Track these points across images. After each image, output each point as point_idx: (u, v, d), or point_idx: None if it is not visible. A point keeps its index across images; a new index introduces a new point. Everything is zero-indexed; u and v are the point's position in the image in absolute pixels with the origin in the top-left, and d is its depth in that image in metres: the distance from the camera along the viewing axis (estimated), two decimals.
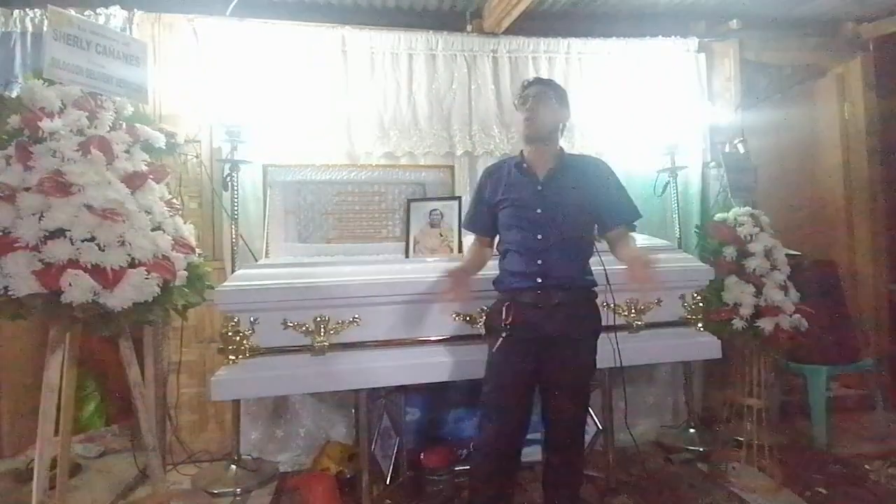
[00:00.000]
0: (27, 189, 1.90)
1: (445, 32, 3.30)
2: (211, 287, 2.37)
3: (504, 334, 1.89)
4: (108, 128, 2.15)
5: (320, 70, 3.12)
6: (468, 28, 3.40)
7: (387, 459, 2.55)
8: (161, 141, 2.34)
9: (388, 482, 2.53)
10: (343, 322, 2.24)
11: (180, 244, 2.24)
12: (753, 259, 2.66)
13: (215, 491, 2.64)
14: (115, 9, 2.87)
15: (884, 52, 3.78)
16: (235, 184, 2.81)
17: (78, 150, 1.99)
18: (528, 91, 2.00)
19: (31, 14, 2.88)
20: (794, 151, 4.18)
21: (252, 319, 2.19)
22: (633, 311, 2.51)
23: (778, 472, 2.63)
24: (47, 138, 1.98)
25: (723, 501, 2.52)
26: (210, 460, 2.95)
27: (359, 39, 3.17)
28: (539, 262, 1.91)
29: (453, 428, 2.88)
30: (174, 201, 2.38)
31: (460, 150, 3.26)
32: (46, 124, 1.98)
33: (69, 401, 2.12)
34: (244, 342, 2.18)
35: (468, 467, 2.07)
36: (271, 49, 3.06)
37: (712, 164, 3.43)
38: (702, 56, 3.54)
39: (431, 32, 3.27)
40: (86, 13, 2.74)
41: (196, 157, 3.01)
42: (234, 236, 2.83)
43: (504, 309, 1.92)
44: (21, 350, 3.06)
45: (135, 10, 2.91)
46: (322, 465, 2.70)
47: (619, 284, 2.35)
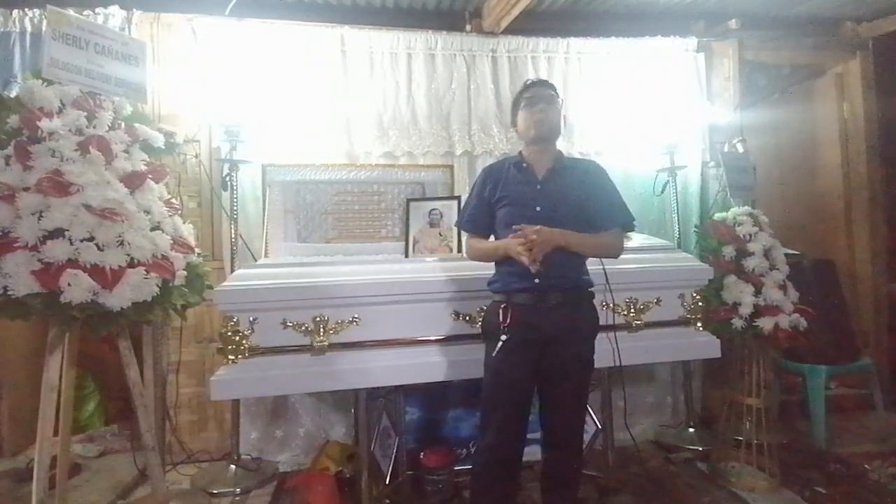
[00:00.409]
0: (26, 189, 1.90)
1: (444, 32, 3.30)
2: (210, 287, 2.37)
3: (503, 338, 1.86)
4: (107, 127, 2.15)
5: (319, 70, 3.12)
6: (467, 28, 3.40)
7: (386, 459, 2.55)
8: (160, 141, 2.34)
9: (388, 482, 2.53)
10: (342, 322, 2.24)
11: (179, 244, 2.24)
12: (752, 258, 2.66)
13: (215, 491, 2.64)
14: (114, 8, 2.87)
15: (883, 52, 3.78)
16: (234, 183, 2.81)
17: (77, 150, 2.00)
18: (537, 92, 2.00)
19: (31, 14, 2.88)
20: (794, 151, 4.19)
21: (251, 319, 2.18)
22: (633, 311, 2.51)
23: (777, 472, 2.63)
24: (46, 138, 1.99)
25: (722, 501, 2.52)
26: (209, 460, 2.95)
27: (358, 39, 3.17)
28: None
29: (453, 427, 2.88)
30: (173, 201, 2.39)
31: (459, 150, 3.26)
32: (45, 124, 1.99)
33: (68, 401, 2.12)
34: (243, 342, 2.17)
35: (469, 469, 2.05)
36: (270, 49, 3.06)
37: (711, 164, 3.43)
38: (701, 56, 3.55)
39: (430, 32, 3.27)
40: (84, 13, 2.74)
41: (195, 157, 3.01)
42: (234, 236, 2.83)
43: (501, 311, 1.89)
44: (21, 350, 3.06)
45: (133, 10, 2.91)
46: (321, 465, 2.70)
47: (619, 284, 2.37)
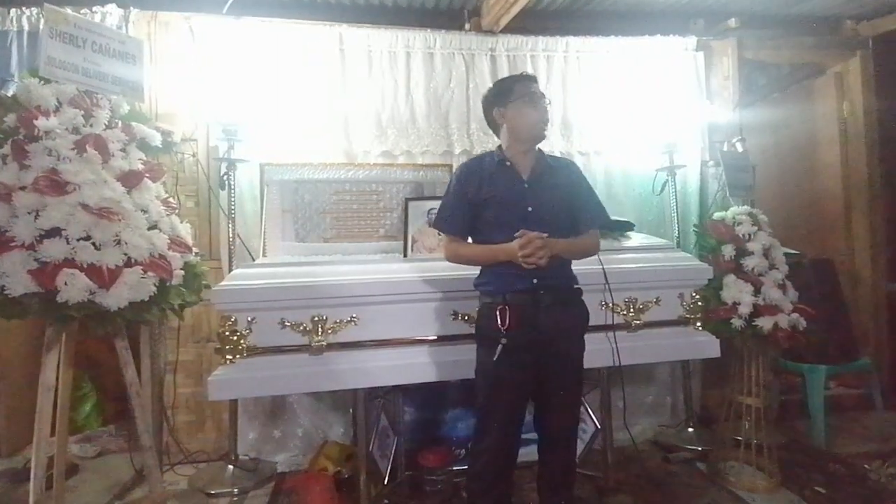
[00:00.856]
0: (23, 188, 1.90)
1: (443, 31, 3.29)
2: (208, 286, 2.37)
3: (503, 341, 1.82)
4: (104, 126, 2.15)
5: (317, 68, 3.11)
6: (466, 26, 3.40)
7: (385, 459, 2.55)
8: (157, 139, 2.34)
9: (386, 482, 2.52)
10: (341, 321, 2.23)
11: (177, 243, 2.24)
12: (752, 258, 2.66)
13: (212, 491, 2.63)
14: (112, 7, 2.85)
15: (883, 51, 3.77)
16: (232, 182, 2.79)
17: (73, 149, 2.00)
18: (536, 88, 1.95)
19: (28, 13, 2.87)
20: (793, 150, 4.19)
21: (249, 319, 2.18)
22: (632, 311, 2.50)
23: (776, 472, 2.62)
24: (43, 137, 1.98)
25: (721, 501, 2.52)
26: (207, 460, 2.94)
27: (356, 38, 3.16)
28: None
29: (451, 427, 2.88)
30: (171, 200, 2.38)
31: (458, 149, 3.25)
32: (42, 123, 1.98)
33: (65, 401, 2.11)
34: (241, 342, 2.17)
35: (466, 470, 2.03)
36: (268, 47, 3.05)
37: (711, 163, 3.43)
38: (700, 55, 3.54)
39: (429, 31, 3.26)
40: (82, 11, 2.72)
41: (193, 156, 3.00)
42: (232, 235, 2.82)
43: (498, 314, 1.84)
44: (18, 349, 3.05)
45: (131, 8, 2.90)
46: (320, 465, 2.69)
47: (618, 284, 2.37)
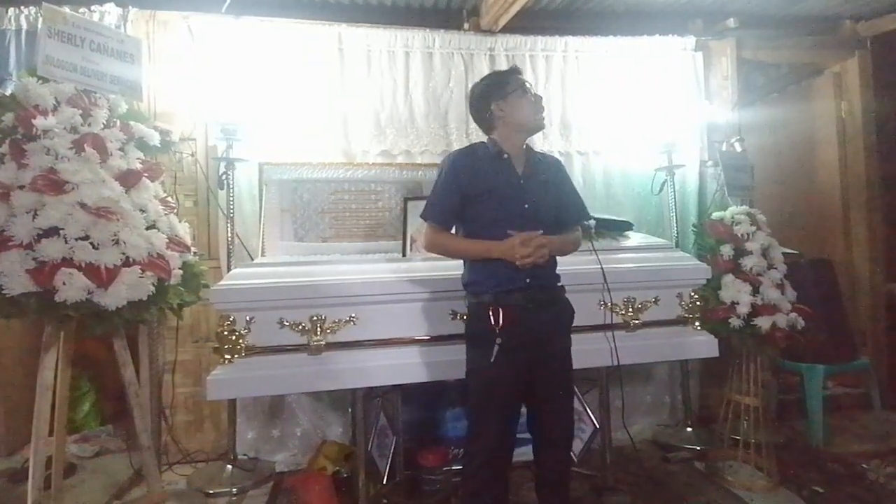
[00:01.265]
0: (21, 187, 1.90)
1: (442, 30, 3.28)
2: (206, 286, 2.37)
3: (499, 341, 1.80)
4: (102, 125, 2.15)
5: (316, 68, 3.10)
6: (465, 26, 3.39)
7: (383, 459, 2.55)
8: (156, 139, 2.34)
9: (385, 481, 2.52)
10: (340, 321, 2.23)
11: (175, 243, 2.24)
12: (750, 258, 2.66)
13: (211, 491, 2.63)
14: (110, 6, 2.85)
15: (881, 51, 3.77)
16: (231, 182, 2.79)
17: (72, 148, 2.00)
18: (526, 81, 1.94)
19: (27, 12, 2.86)
20: (791, 150, 4.19)
21: (248, 318, 2.17)
22: (631, 310, 2.50)
23: (775, 471, 2.63)
24: (41, 136, 1.98)
25: (720, 500, 2.52)
26: (206, 460, 2.94)
27: (355, 37, 3.16)
28: None
29: (450, 427, 2.88)
30: (169, 200, 2.38)
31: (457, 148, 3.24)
32: (40, 122, 1.98)
33: (63, 400, 2.11)
34: (240, 341, 2.16)
35: (461, 471, 2.00)
36: (267, 47, 3.05)
37: (709, 163, 3.43)
38: (699, 54, 3.54)
39: (428, 30, 3.26)
40: (80, 10, 2.71)
41: (191, 156, 3.00)
42: (230, 235, 2.81)
43: (492, 314, 1.82)
44: (16, 349, 3.04)
45: (129, 7, 2.89)
46: (319, 465, 2.69)
47: (617, 283, 2.37)
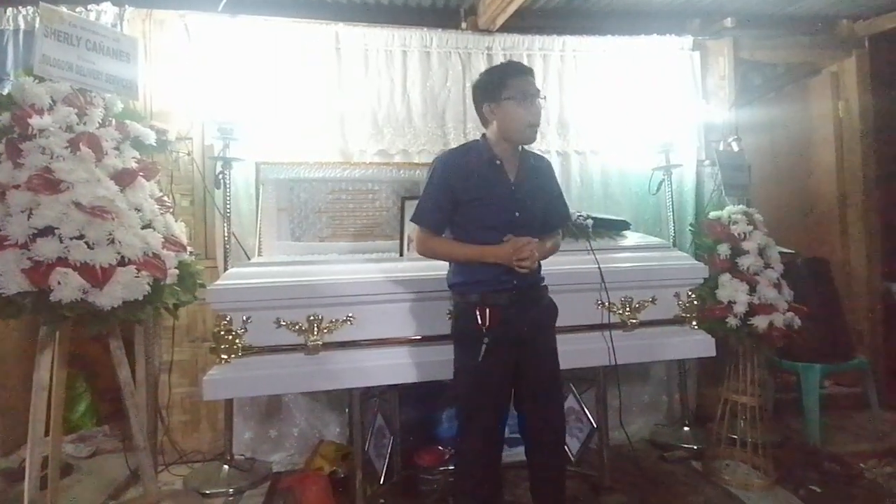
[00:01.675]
0: (16, 186, 1.89)
1: (440, 30, 3.28)
2: (203, 285, 2.36)
3: (486, 341, 1.82)
4: (98, 124, 2.14)
5: (314, 67, 3.10)
6: (463, 25, 3.39)
7: (381, 459, 2.54)
8: (151, 138, 2.33)
9: (382, 481, 2.52)
10: (337, 321, 2.23)
11: (171, 242, 2.23)
12: (747, 257, 2.66)
13: (207, 491, 2.62)
14: (106, 5, 2.84)
15: (879, 50, 3.78)
16: (228, 181, 2.78)
17: (67, 147, 1.99)
18: (530, 86, 1.87)
19: (24, 11, 2.86)
20: (788, 149, 4.20)
21: (245, 318, 2.17)
22: (628, 310, 2.50)
23: (771, 470, 2.63)
24: (37, 135, 1.97)
25: (717, 499, 2.52)
26: (202, 461, 2.93)
27: (352, 36, 3.15)
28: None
29: (447, 427, 2.88)
30: (165, 199, 2.38)
31: None
32: (36, 121, 1.98)
33: (59, 400, 2.11)
34: (237, 341, 2.16)
35: (454, 470, 2.02)
36: (264, 46, 3.04)
37: (707, 163, 3.43)
38: (696, 54, 3.54)
39: (426, 29, 3.25)
40: (77, 10, 2.70)
41: (188, 155, 2.99)
42: (227, 234, 2.81)
43: (479, 313, 1.84)
44: (11, 349, 3.03)
45: (126, 6, 2.89)
46: (316, 465, 2.69)
47: (614, 283, 2.37)
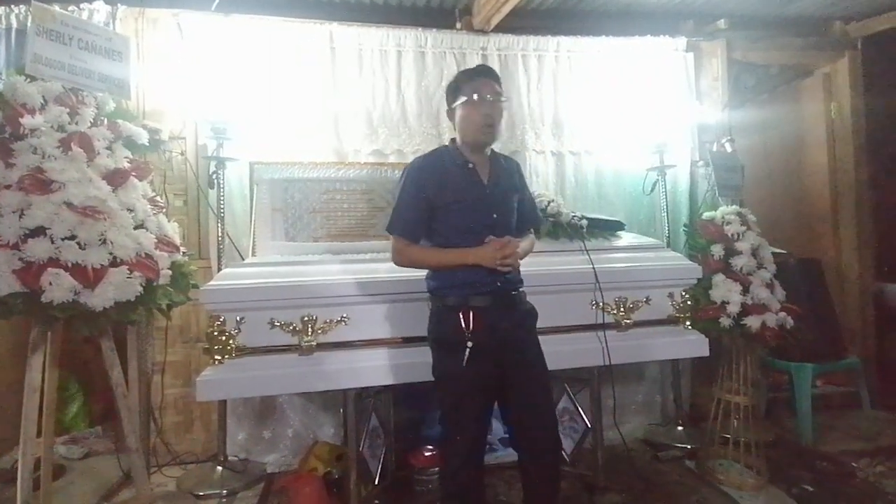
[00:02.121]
0: (7, 186, 1.88)
1: (434, 30, 3.28)
2: (196, 286, 2.35)
3: (469, 345, 1.80)
4: (90, 124, 2.13)
5: (308, 67, 3.09)
6: (457, 25, 3.39)
7: (375, 459, 2.54)
8: (144, 137, 2.32)
9: (377, 482, 2.52)
10: (331, 321, 2.23)
11: (164, 242, 2.22)
12: (740, 257, 2.68)
13: (201, 493, 2.61)
14: (99, 3, 2.82)
15: (871, 52, 3.81)
16: (221, 181, 2.77)
17: (59, 147, 1.98)
18: (484, 87, 1.84)
19: (16, 10, 2.84)
20: (781, 150, 4.22)
21: (238, 319, 2.17)
22: (622, 310, 2.51)
23: (764, 469, 2.64)
24: (28, 135, 1.96)
25: (710, 498, 2.53)
26: (195, 462, 2.92)
27: (347, 36, 3.15)
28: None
29: (441, 428, 2.86)
30: (158, 199, 2.36)
31: None
32: (28, 121, 1.97)
33: (51, 402, 2.09)
34: (230, 342, 2.16)
35: (440, 472, 2.00)
36: (258, 45, 3.03)
37: (700, 163, 3.45)
38: (690, 55, 3.56)
39: (420, 29, 3.25)
40: (69, 8, 2.69)
41: (181, 154, 2.98)
42: (221, 234, 2.80)
43: (462, 317, 1.83)
44: (3, 350, 3.01)
45: (118, 5, 2.87)
46: (310, 466, 2.68)
47: (608, 283, 2.37)
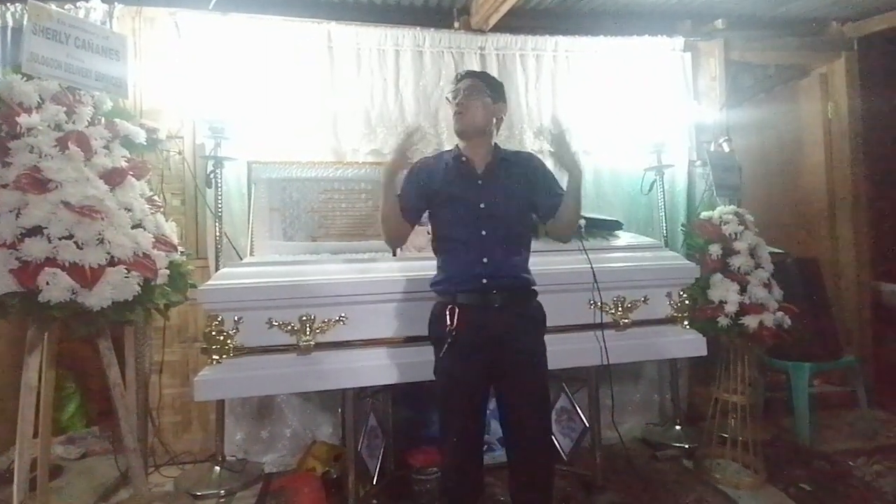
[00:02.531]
0: (4, 186, 1.87)
1: (432, 29, 3.28)
2: (194, 286, 2.35)
3: (449, 341, 1.80)
4: (87, 123, 2.12)
5: (306, 66, 3.08)
6: (456, 25, 3.39)
7: (373, 459, 2.54)
8: (141, 136, 2.31)
9: (375, 482, 2.51)
10: (329, 321, 2.22)
11: (162, 242, 2.22)
12: (738, 257, 2.68)
13: (198, 493, 2.61)
14: (96, 2, 2.80)
15: (868, 52, 3.82)
16: (219, 181, 2.76)
17: (56, 146, 1.97)
18: (460, 84, 1.94)
19: (13, 9, 2.83)
20: (778, 150, 4.23)
21: (236, 318, 2.16)
22: (620, 309, 2.51)
23: (762, 469, 2.65)
24: (25, 134, 1.95)
25: (708, 497, 2.53)
26: (193, 462, 2.91)
27: (345, 35, 3.14)
28: (485, 261, 1.84)
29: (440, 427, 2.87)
30: (155, 198, 2.36)
31: (448, 148, 3.23)
32: (24, 119, 1.96)
33: (48, 402, 2.08)
34: (228, 341, 2.15)
35: (440, 466, 1.99)
36: (255, 44, 3.03)
37: (698, 163, 3.45)
38: (687, 55, 3.56)
39: (418, 29, 3.25)
40: (66, 7, 2.68)
41: (179, 154, 2.97)
42: (218, 234, 2.79)
43: (448, 313, 1.82)
44: (0, 350, 3.00)
45: (115, 4, 2.86)
46: (308, 466, 2.68)
47: (606, 283, 2.38)
